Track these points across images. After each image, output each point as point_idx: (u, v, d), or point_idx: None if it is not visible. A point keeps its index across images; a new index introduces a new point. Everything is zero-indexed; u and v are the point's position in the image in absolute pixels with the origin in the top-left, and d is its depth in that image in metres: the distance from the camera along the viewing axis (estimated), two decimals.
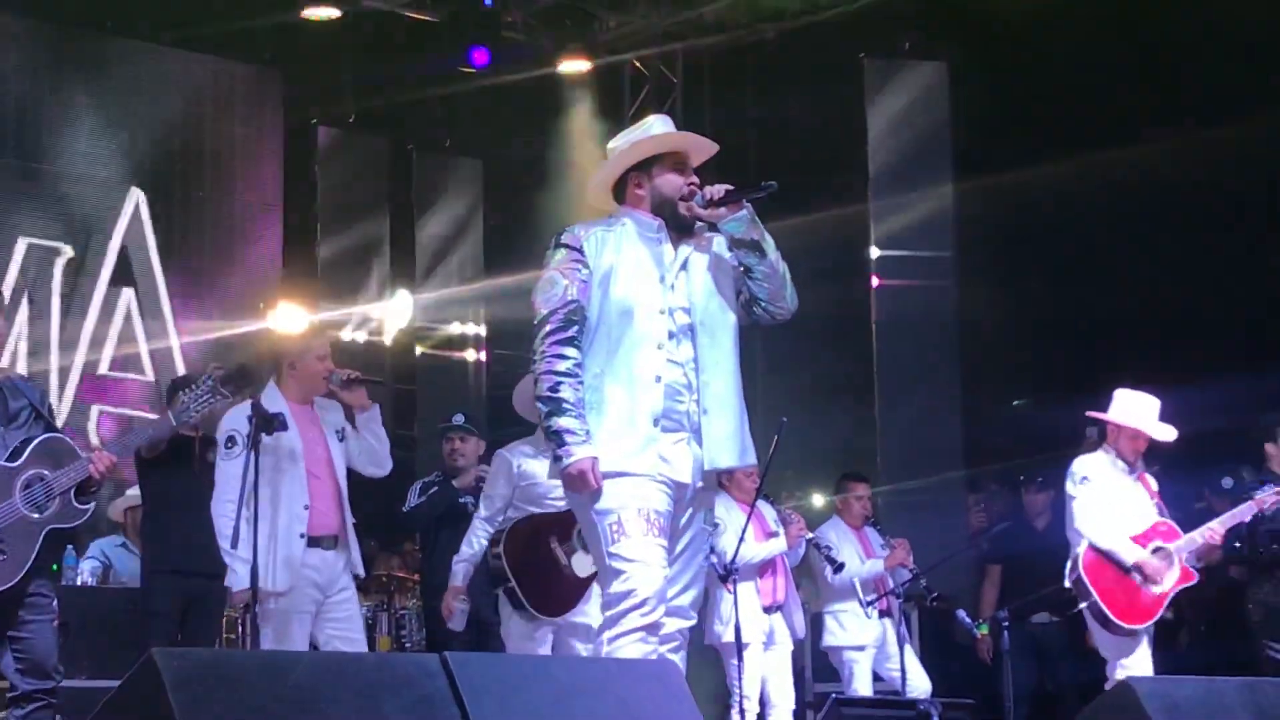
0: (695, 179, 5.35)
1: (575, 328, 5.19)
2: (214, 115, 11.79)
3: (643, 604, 5.03)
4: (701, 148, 5.49)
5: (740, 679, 8.70)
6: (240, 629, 7.99)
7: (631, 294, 5.18)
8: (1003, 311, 11.63)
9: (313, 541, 6.86)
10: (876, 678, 9.36)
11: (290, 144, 12.32)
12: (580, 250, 5.22)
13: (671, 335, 5.19)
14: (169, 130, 11.40)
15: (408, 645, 9.65)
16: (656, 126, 5.46)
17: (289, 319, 10.95)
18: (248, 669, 4.09)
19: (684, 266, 5.27)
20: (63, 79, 11.04)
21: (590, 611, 7.30)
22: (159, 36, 11.48)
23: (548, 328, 5.21)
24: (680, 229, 5.30)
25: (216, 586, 7.32)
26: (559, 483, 7.39)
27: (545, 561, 7.39)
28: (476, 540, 7.65)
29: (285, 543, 6.81)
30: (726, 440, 5.21)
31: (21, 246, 10.78)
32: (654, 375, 5.14)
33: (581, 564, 7.35)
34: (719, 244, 5.37)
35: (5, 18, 10.83)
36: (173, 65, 11.59)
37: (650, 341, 5.16)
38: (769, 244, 5.32)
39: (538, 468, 7.45)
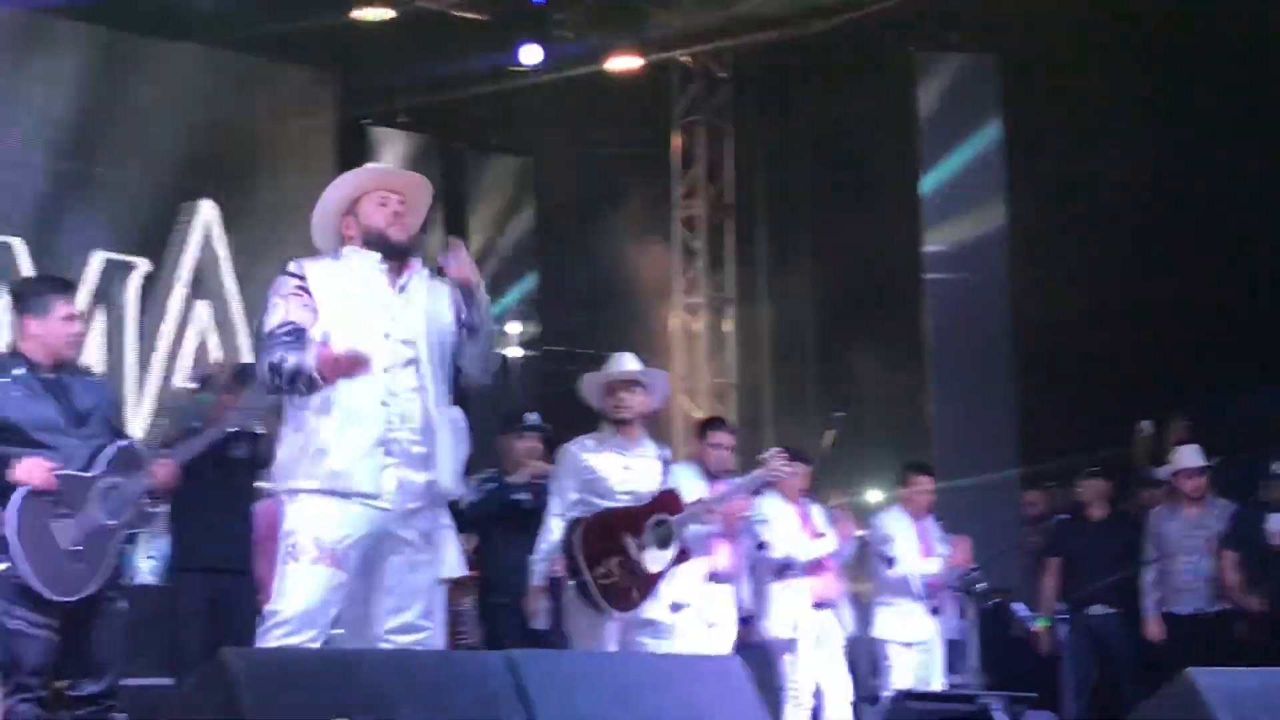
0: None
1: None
2: (269, 118, 11.86)
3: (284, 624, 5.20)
4: (389, 179, 5.63)
5: (792, 676, 8.73)
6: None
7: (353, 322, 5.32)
8: (1058, 303, 11.58)
9: None
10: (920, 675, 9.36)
11: (343, 145, 12.38)
12: (303, 278, 5.34)
13: (394, 364, 5.34)
14: (228, 135, 11.47)
15: (465, 643, 9.65)
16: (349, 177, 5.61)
17: None
18: (316, 667, 4.14)
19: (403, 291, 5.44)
20: (123, 86, 11.12)
21: (658, 607, 7.37)
22: (214, 39, 11.52)
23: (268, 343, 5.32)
24: (396, 256, 5.41)
25: (244, 582, 7.35)
26: (626, 476, 7.54)
27: (617, 556, 7.40)
28: (551, 537, 7.65)
29: None
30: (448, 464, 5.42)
31: (97, 260, 10.86)
32: (377, 400, 5.29)
33: (653, 559, 7.38)
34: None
35: (66, 24, 10.90)
36: (229, 69, 11.64)
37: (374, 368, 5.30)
38: (486, 329, 5.51)
39: (603, 461, 7.51)
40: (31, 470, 5.95)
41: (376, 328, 5.29)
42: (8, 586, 5.89)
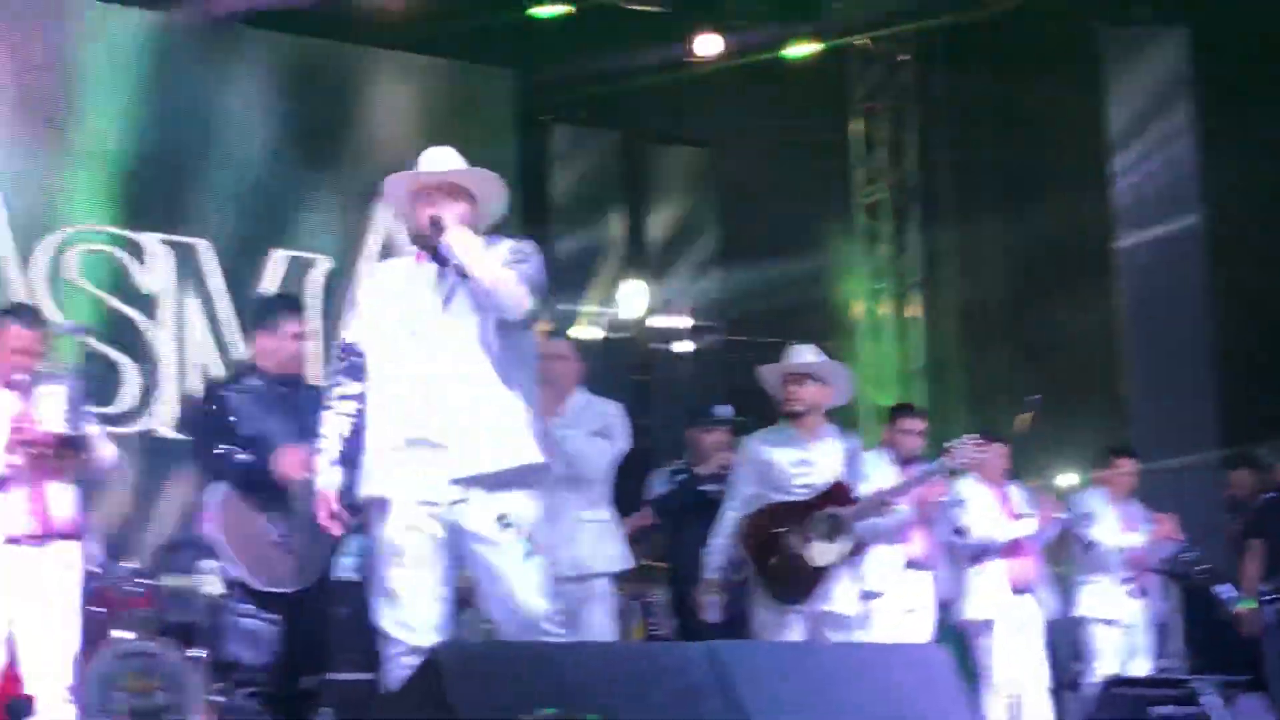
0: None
1: None
2: (450, 117, 11.97)
3: None
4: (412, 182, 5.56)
5: (990, 661, 8.62)
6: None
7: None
8: (1258, 279, 11.31)
9: None
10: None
11: (524, 142, 12.47)
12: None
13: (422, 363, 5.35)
14: (409, 136, 11.60)
15: (658, 635, 9.68)
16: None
17: None
18: (521, 660, 4.16)
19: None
20: (309, 91, 11.29)
21: (841, 600, 7.33)
22: (394, 43, 11.66)
23: None
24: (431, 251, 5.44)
25: None
26: (804, 470, 7.51)
27: (783, 549, 7.38)
28: (725, 530, 7.65)
29: None
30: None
31: (281, 259, 11.06)
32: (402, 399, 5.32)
33: (819, 552, 7.35)
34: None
35: (250, 31, 11.11)
36: (411, 71, 11.77)
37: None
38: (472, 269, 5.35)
39: (780, 455, 7.49)
40: (290, 461, 6.20)
41: (406, 329, 5.36)
42: (230, 583, 6.08)
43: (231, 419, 6.43)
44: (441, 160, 5.57)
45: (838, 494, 7.51)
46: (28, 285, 10.07)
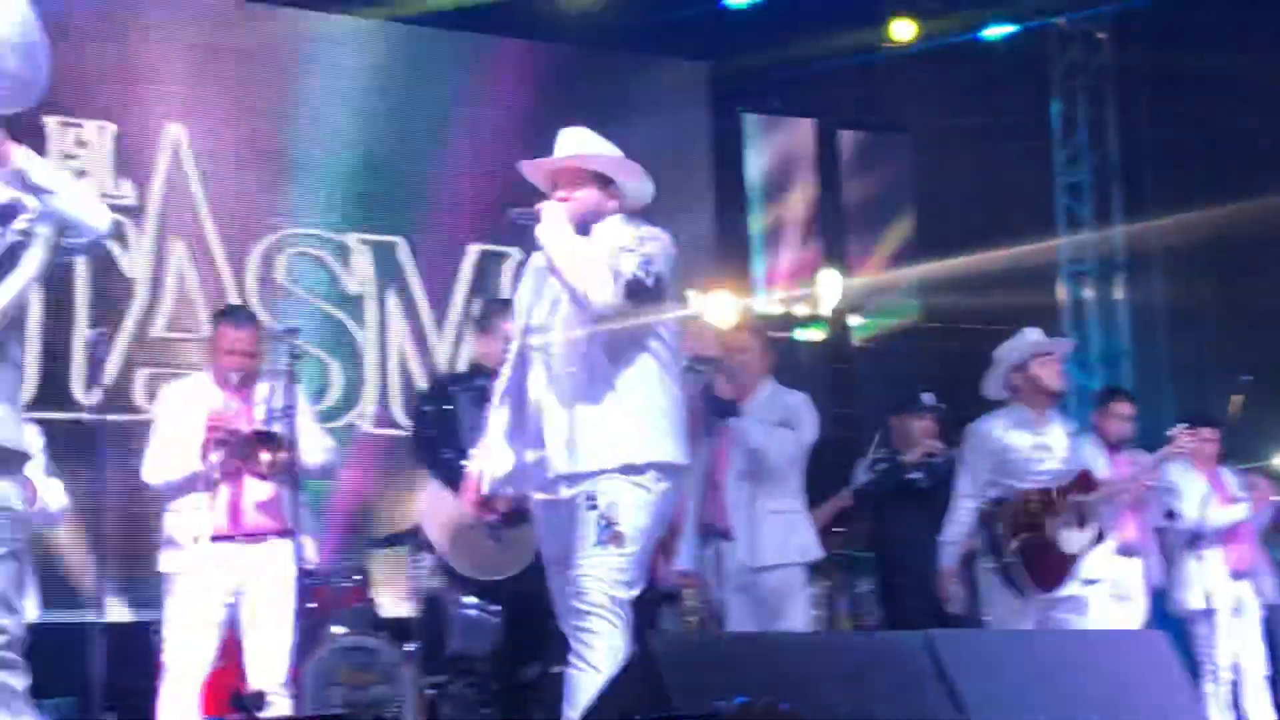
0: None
1: None
2: (643, 111, 11.99)
3: None
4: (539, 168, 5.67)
5: (1208, 649, 8.45)
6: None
7: None
8: None
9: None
10: None
11: (718, 134, 12.46)
12: None
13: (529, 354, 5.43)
14: (602, 127, 11.62)
15: (866, 624, 9.62)
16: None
17: (721, 307, 11.12)
18: (738, 649, 4.16)
19: None
20: (494, 87, 11.38)
21: (1075, 584, 7.24)
22: (584, 38, 11.71)
23: None
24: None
25: None
26: (1040, 454, 7.44)
27: (1038, 537, 7.30)
28: (962, 519, 7.57)
29: None
30: None
31: (473, 253, 11.18)
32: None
33: (1071, 539, 7.26)
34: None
35: (442, 33, 11.24)
36: (601, 65, 11.81)
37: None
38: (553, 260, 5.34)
39: (1016, 439, 7.40)
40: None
41: (519, 324, 5.48)
42: (450, 576, 6.17)
43: (457, 416, 6.56)
44: (569, 143, 5.56)
45: (1084, 480, 7.43)
46: (240, 289, 10.30)
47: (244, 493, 6.75)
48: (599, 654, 4.95)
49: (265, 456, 6.65)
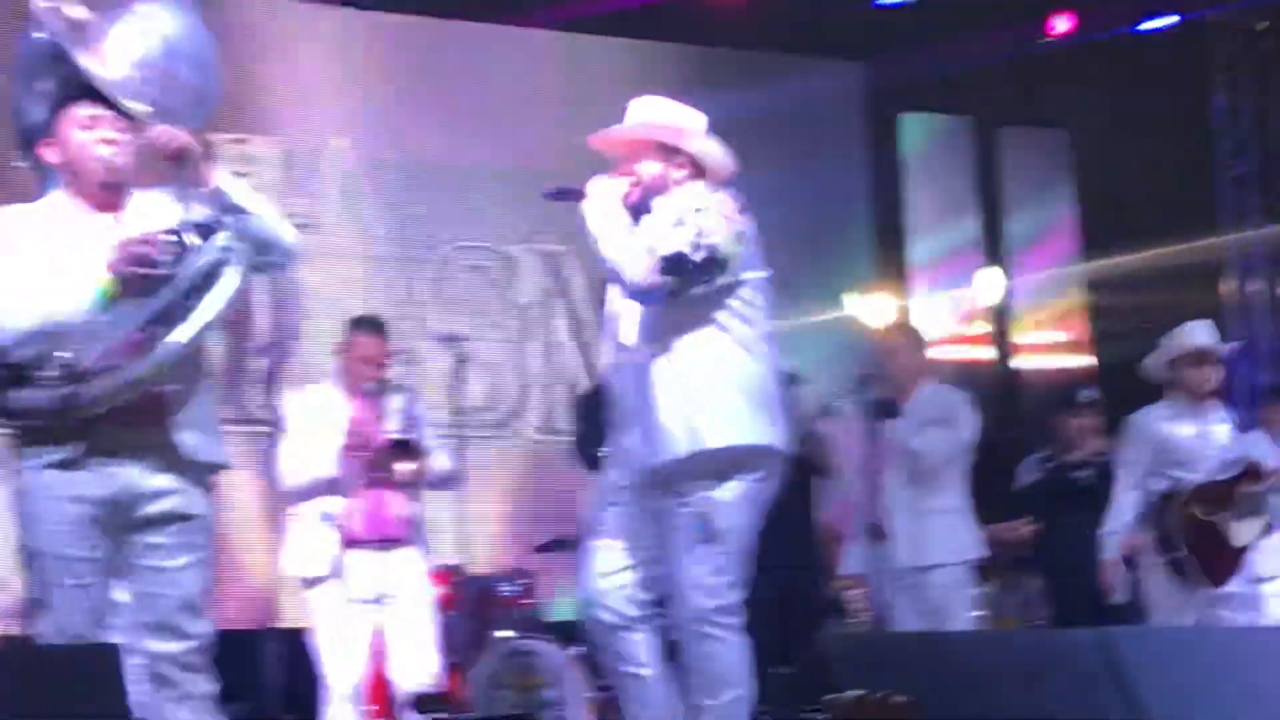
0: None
1: None
2: (797, 112, 11.98)
3: None
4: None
5: None
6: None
7: None
8: None
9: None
10: None
11: (873, 133, 12.42)
12: None
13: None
14: (758, 131, 11.62)
15: (1034, 625, 9.54)
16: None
17: (879, 308, 11.07)
18: (909, 647, 4.15)
19: None
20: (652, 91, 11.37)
21: (1241, 581, 7.13)
22: (737, 41, 11.71)
23: None
24: None
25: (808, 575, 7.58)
26: (1203, 445, 7.35)
27: (1207, 530, 7.20)
28: (1123, 510, 7.50)
29: None
30: None
31: None
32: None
33: (1239, 532, 7.16)
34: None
35: (585, 39, 11.26)
36: (755, 67, 11.81)
37: None
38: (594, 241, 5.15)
39: (1177, 430, 7.32)
40: None
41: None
42: None
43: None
44: (634, 113, 5.39)
45: (1252, 471, 7.32)
46: (410, 302, 10.41)
47: (378, 500, 6.84)
48: (720, 665, 4.88)
49: (401, 466, 6.72)
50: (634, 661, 5.06)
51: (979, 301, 12.95)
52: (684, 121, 5.35)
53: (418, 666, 6.81)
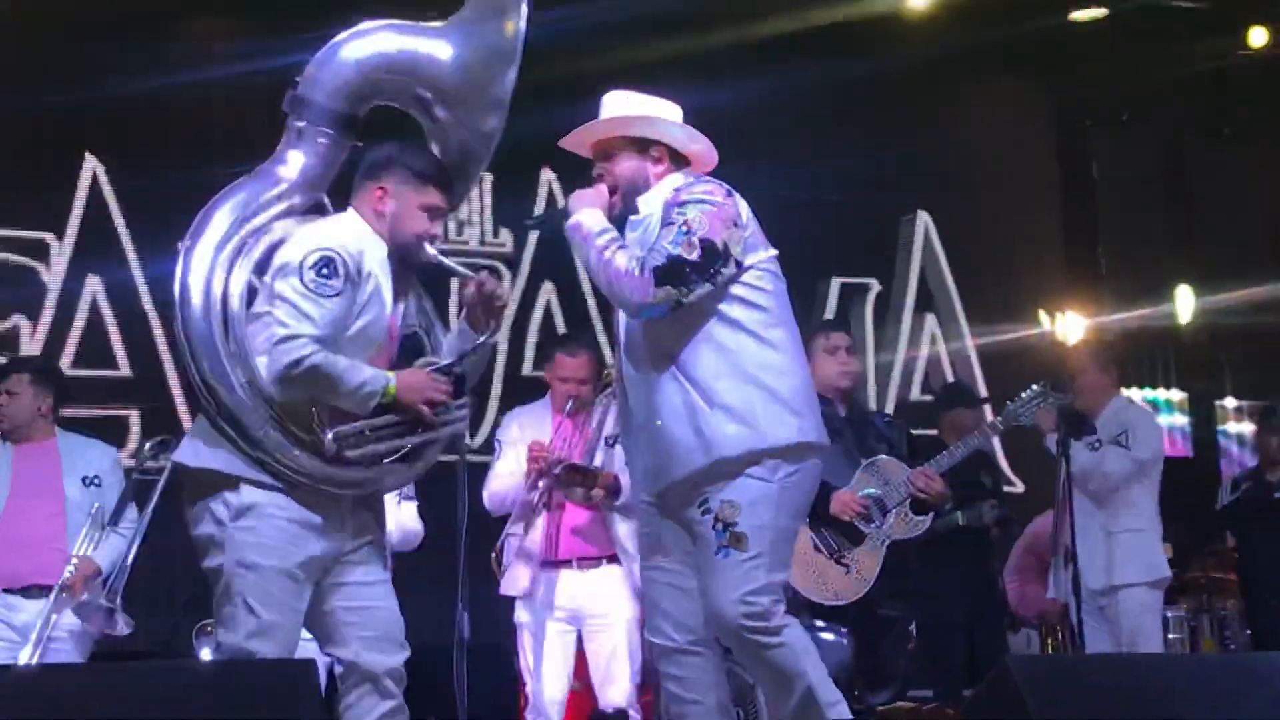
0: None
1: None
2: (986, 128, 11.91)
3: None
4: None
5: None
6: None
7: None
8: None
9: None
10: None
11: (1063, 149, 12.30)
12: None
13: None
14: (948, 148, 11.58)
15: (1231, 647, 9.40)
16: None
17: (1072, 326, 10.96)
18: (1096, 671, 4.12)
19: None
20: (843, 111, 11.35)
21: None
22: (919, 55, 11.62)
23: None
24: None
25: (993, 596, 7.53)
26: None
27: None
28: None
29: None
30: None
31: (835, 286, 11.22)
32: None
33: None
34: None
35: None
36: (945, 80, 11.72)
37: None
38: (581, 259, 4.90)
39: None
40: (845, 503, 6.41)
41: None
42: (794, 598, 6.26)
43: None
44: (606, 108, 5.07)
45: None
46: (608, 327, 10.44)
47: (564, 520, 6.88)
48: (772, 669, 4.67)
49: (579, 492, 6.75)
50: (692, 689, 4.85)
51: (1175, 322, 12.74)
52: (655, 111, 5.02)
53: (615, 684, 6.85)
